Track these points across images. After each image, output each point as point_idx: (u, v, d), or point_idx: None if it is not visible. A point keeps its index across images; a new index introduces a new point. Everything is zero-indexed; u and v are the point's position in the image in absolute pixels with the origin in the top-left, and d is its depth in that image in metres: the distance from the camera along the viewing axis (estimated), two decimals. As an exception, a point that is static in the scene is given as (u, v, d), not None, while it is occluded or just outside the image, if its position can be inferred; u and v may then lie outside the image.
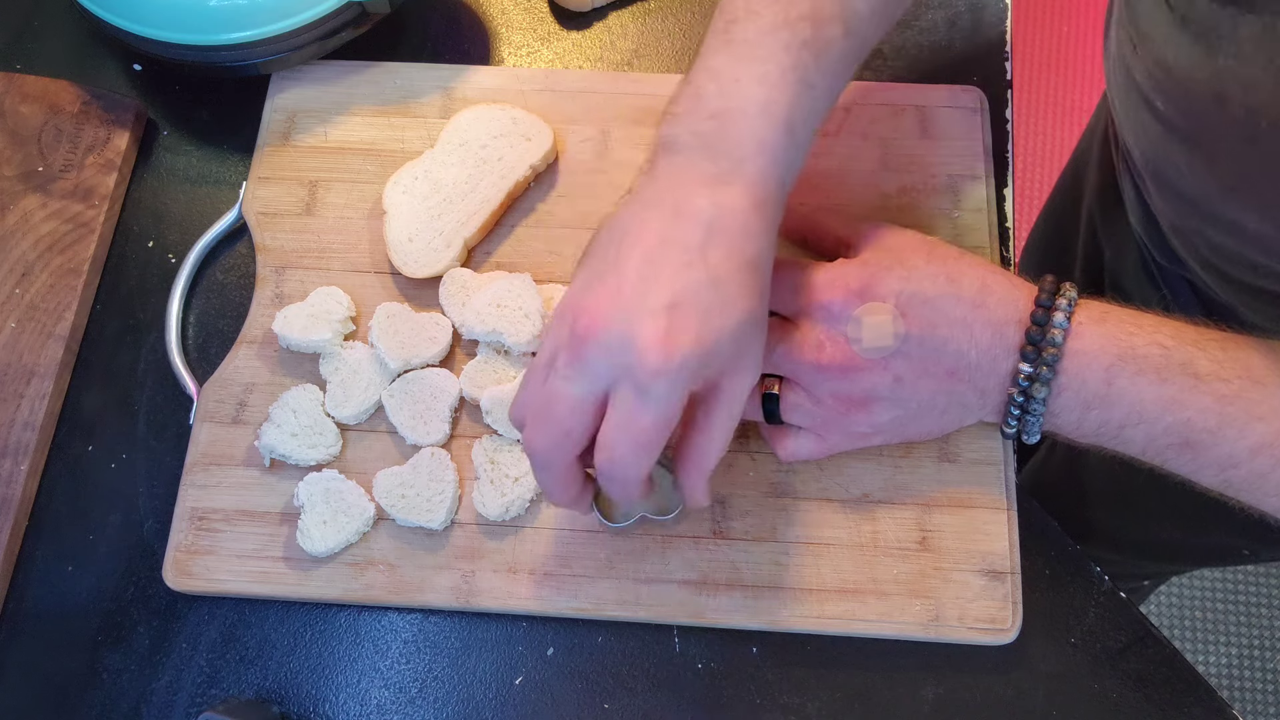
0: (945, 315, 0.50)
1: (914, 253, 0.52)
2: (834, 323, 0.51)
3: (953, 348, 0.50)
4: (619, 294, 0.44)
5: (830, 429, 0.54)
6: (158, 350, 0.64)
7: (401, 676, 0.57)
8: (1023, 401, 0.51)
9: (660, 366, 0.42)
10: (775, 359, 0.53)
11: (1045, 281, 0.51)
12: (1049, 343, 0.49)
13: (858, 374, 0.51)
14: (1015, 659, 0.56)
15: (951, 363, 0.51)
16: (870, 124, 0.67)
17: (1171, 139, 0.52)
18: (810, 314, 0.51)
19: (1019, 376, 0.50)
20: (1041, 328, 0.49)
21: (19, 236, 0.65)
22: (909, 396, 0.52)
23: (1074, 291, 0.50)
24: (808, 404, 0.53)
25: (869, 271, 0.51)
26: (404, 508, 0.57)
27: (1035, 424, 0.51)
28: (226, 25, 0.63)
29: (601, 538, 0.57)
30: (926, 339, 0.50)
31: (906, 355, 0.50)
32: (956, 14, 0.72)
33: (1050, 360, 0.49)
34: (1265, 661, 1.48)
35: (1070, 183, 0.87)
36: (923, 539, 0.57)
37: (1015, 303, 0.51)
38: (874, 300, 0.50)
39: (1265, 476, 0.48)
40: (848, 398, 0.52)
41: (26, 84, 0.69)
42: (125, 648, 0.57)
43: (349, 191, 0.66)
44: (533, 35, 0.73)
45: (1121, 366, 0.49)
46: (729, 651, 0.57)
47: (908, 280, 0.51)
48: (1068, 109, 1.84)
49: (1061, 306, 0.50)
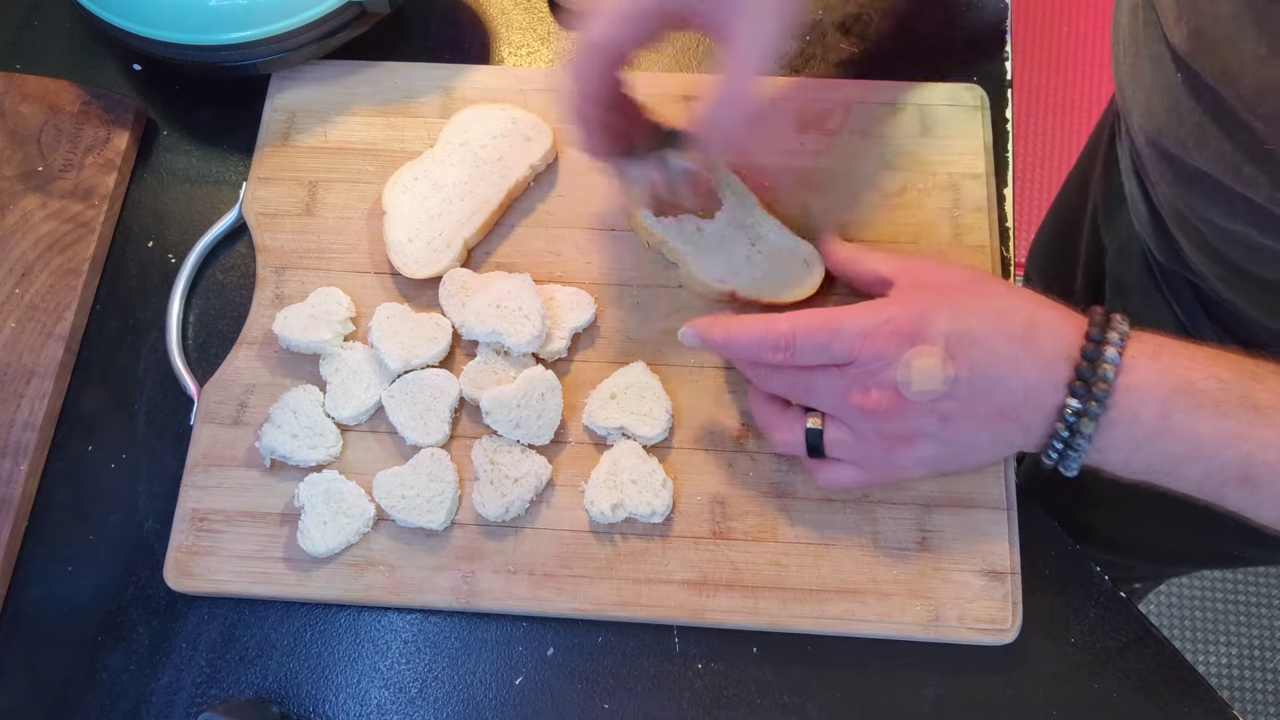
0: (994, 354, 0.49)
1: (960, 290, 0.51)
2: (884, 370, 0.50)
3: (1002, 388, 0.49)
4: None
5: (873, 464, 0.54)
6: (158, 350, 0.64)
7: (401, 676, 0.57)
8: (1068, 436, 0.49)
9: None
10: (820, 399, 0.52)
11: (1095, 314, 0.50)
12: (1100, 378, 0.48)
13: (904, 415, 0.50)
14: (1015, 659, 0.56)
15: (1001, 403, 0.50)
16: (870, 123, 0.67)
17: (1193, 107, 0.52)
18: (861, 361, 0.50)
19: (1066, 411, 0.49)
20: (1092, 363, 0.48)
21: (19, 236, 0.65)
22: (954, 436, 0.51)
23: (1126, 325, 0.49)
24: (851, 440, 0.53)
25: (917, 312, 0.50)
26: (404, 508, 0.57)
27: (1076, 458, 0.50)
28: (226, 25, 0.63)
29: (602, 538, 0.57)
30: (975, 380, 0.49)
31: (954, 396, 0.49)
32: (956, 14, 0.72)
33: (1100, 396, 0.48)
34: (1265, 661, 1.48)
35: (1077, 183, 0.86)
36: (923, 539, 0.57)
37: (1065, 336, 0.50)
38: (923, 344, 0.49)
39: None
40: (893, 435, 0.52)
41: (26, 84, 0.69)
42: (125, 648, 0.57)
43: (349, 192, 0.66)
44: (533, 35, 0.73)
45: (1178, 401, 0.47)
46: (729, 651, 0.57)
47: (956, 319, 0.49)
48: (1068, 108, 1.84)
49: (1113, 341, 0.48)
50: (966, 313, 0.50)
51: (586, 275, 0.63)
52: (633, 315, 0.63)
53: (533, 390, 0.58)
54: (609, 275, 0.63)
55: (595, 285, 0.63)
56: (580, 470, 0.59)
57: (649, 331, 0.62)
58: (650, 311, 0.63)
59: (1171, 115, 0.54)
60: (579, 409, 0.60)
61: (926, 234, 0.64)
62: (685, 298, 0.63)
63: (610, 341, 0.62)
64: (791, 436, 0.54)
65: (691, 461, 0.59)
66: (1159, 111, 0.55)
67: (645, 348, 0.62)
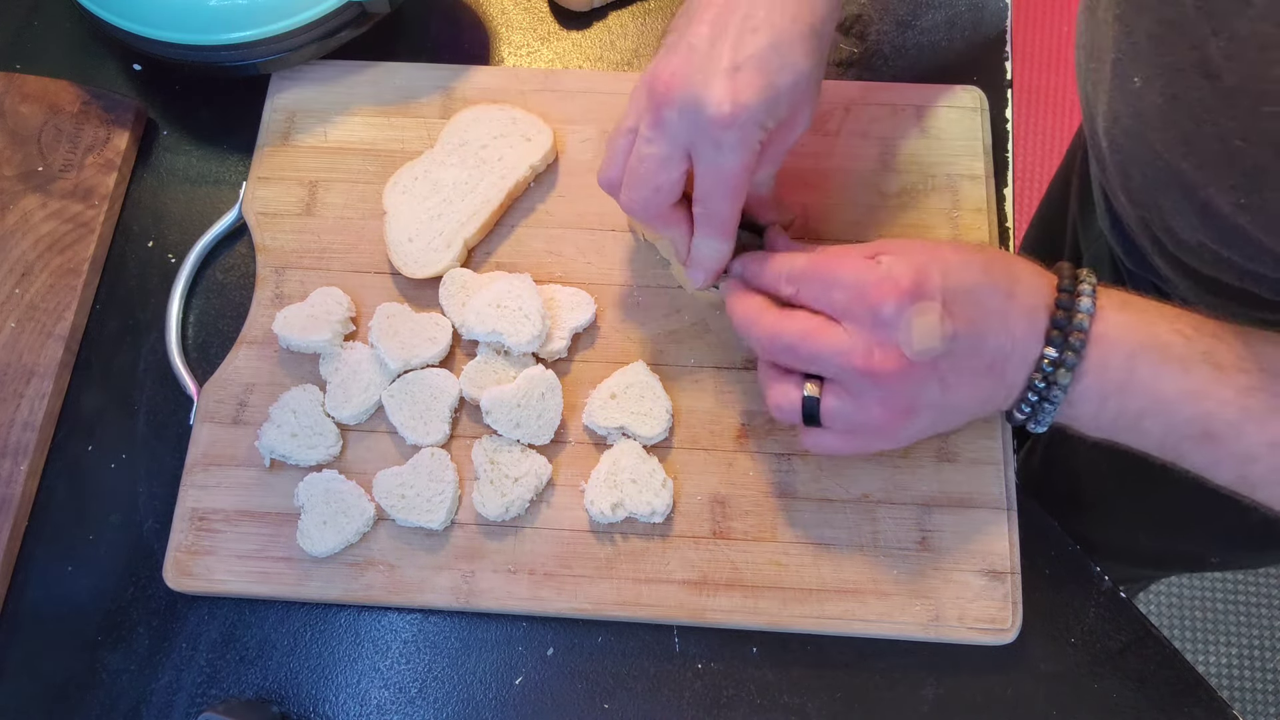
0: (984, 307, 0.49)
1: (942, 246, 0.52)
2: (886, 328, 0.49)
3: (992, 341, 0.49)
4: (690, 59, 0.49)
5: (867, 433, 0.53)
6: (158, 350, 0.64)
7: (401, 676, 0.57)
8: (1043, 388, 0.49)
9: (728, 120, 0.48)
10: (823, 363, 0.51)
11: (1063, 268, 0.50)
12: (1075, 327, 0.48)
13: (909, 381, 0.50)
14: (1015, 659, 0.56)
15: (991, 357, 0.50)
16: (870, 123, 0.67)
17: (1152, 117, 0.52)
18: (858, 318, 0.49)
19: (1043, 362, 0.49)
20: (1067, 312, 0.49)
21: (19, 236, 0.65)
22: (951, 400, 0.51)
23: (1094, 277, 0.50)
24: (850, 409, 0.52)
25: (916, 266, 0.49)
26: (404, 508, 0.57)
27: (1050, 411, 0.50)
28: (226, 25, 0.63)
29: (602, 538, 0.57)
30: (970, 336, 0.49)
31: (952, 354, 0.49)
32: (956, 14, 0.72)
33: (1076, 345, 0.48)
34: (1265, 661, 1.48)
35: (1059, 188, 0.87)
36: (923, 539, 0.57)
37: (1041, 289, 0.50)
38: (924, 299, 0.49)
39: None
40: (894, 406, 0.51)
41: (26, 84, 0.69)
42: (125, 648, 0.57)
43: (349, 191, 0.66)
44: (533, 35, 0.73)
45: (1144, 354, 0.48)
46: (729, 651, 0.57)
47: (949, 274, 0.49)
48: (1067, 109, 1.84)
49: (1085, 291, 0.49)
50: (955, 266, 0.50)
51: (586, 275, 0.63)
52: (633, 315, 0.63)
53: (533, 390, 0.58)
54: (609, 275, 0.63)
55: (595, 285, 0.63)
56: (580, 470, 0.59)
57: (649, 331, 0.62)
58: (650, 311, 0.63)
59: (1133, 123, 0.54)
60: (579, 409, 0.60)
61: (926, 235, 0.64)
62: (685, 298, 0.63)
63: (610, 341, 0.62)
64: (786, 401, 0.53)
65: (691, 461, 0.59)
66: (1122, 118, 0.55)
67: (645, 348, 0.62)
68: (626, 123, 0.53)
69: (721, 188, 0.51)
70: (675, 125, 0.50)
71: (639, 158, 0.51)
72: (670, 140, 0.50)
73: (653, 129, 0.50)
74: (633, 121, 0.52)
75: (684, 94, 0.49)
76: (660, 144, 0.50)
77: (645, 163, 0.51)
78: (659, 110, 0.50)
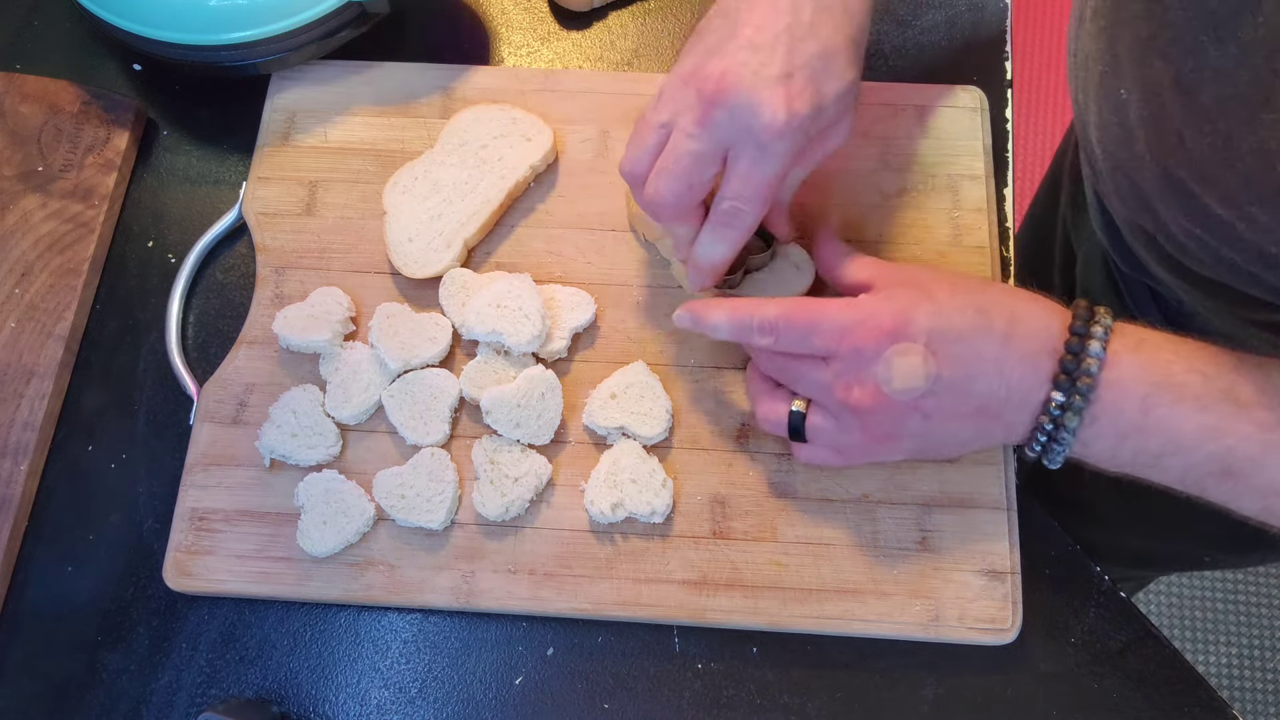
0: (976, 353, 0.49)
1: (939, 286, 0.51)
2: (865, 365, 0.50)
3: (982, 386, 0.49)
4: (742, 62, 0.49)
5: (852, 452, 0.54)
6: (158, 350, 0.64)
7: (401, 676, 0.57)
8: (1052, 430, 0.49)
9: (782, 128, 0.49)
10: (806, 388, 0.53)
11: (1079, 307, 0.50)
12: (1084, 372, 0.48)
13: (887, 413, 0.50)
14: (1015, 659, 0.56)
15: (981, 401, 0.50)
16: (870, 123, 0.67)
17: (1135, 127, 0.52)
18: (841, 356, 0.51)
19: (1050, 405, 0.49)
20: (1076, 357, 0.48)
21: (19, 236, 0.65)
22: (936, 432, 0.51)
23: (1109, 318, 0.49)
24: (833, 430, 0.53)
25: (898, 308, 0.50)
26: (404, 508, 0.57)
27: (1060, 452, 0.50)
28: (226, 25, 0.63)
29: (602, 538, 0.57)
30: (957, 380, 0.49)
31: (936, 395, 0.49)
32: (956, 14, 0.72)
33: (1084, 390, 0.48)
34: (1265, 661, 1.48)
35: (1049, 189, 0.87)
36: (923, 539, 0.57)
37: (1048, 330, 0.50)
38: (905, 340, 0.49)
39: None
40: (875, 433, 0.52)
41: (26, 84, 0.69)
42: (125, 648, 0.57)
43: (349, 191, 0.66)
44: (533, 35, 0.73)
45: (1160, 395, 0.47)
46: (729, 651, 0.57)
47: (937, 317, 0.49)
48: (1068, 109, 1.83)
49: (1097, 335, 0.48)
50: (948, 310, 0.50)
51: (586, 275, 0.63)
52: (633, 315, 0.63)
53: (533, 390, 0.58)
54: (609, 275, 0.63)
55: (595, 285, 0.63)
56: (580, 470, 0.59)
57: (649, 331, 0.62)
58: (650, 311, 0.63)
59: (1124, 131, 0.54)
60: (579, 409, 0.60)
61: (926, 235, 0.64)
62: (685, 298, 0.63)
63: (610, 341, 0.62)
64: (774, 414, 0.54)
65: (691, 461, 0.59)
66: (1112, 126, 0.55)
67: (645, 348, 0.62)
68: (659, 116, 0.52)
69: (753, 192, 0.51)
70: (723, 126, 0.50)
71: (677, 153, 0.51)
72: (714, 140, 0.50)
73: (699, 126, 0.50)
74: (666, 116, 0.52)
75: (737, 97, 0.49)
76: (703, 141, 0.50)
77: (683, 159, 0.51)
78: (709, 109, 0.50)
